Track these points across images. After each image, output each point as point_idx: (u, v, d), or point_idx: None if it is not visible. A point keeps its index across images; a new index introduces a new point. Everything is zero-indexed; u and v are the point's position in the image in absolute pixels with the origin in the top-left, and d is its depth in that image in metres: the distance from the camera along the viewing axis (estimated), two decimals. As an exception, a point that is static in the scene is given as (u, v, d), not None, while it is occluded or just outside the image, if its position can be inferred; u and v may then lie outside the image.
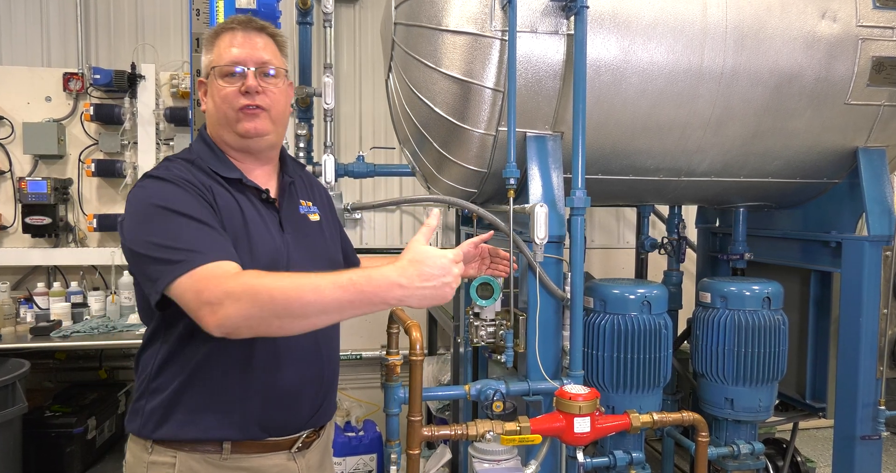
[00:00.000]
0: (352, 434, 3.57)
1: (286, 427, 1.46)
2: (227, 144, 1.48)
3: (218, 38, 1.46)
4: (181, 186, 1.33)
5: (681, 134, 2.30)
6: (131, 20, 4.07)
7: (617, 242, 4.69)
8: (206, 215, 1.30)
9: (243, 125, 1.43)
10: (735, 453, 2.47)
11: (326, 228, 1.63)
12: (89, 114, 3.85)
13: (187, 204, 1.30)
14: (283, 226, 1.48)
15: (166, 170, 1.38)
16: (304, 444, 1.50)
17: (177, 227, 1.26)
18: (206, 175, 1.42)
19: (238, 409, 1.39)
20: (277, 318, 1.17)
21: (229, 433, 1.38)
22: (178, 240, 1.24)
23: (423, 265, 1.17)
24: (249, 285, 1.17)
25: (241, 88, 1.41)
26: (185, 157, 1.47)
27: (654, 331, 2.30)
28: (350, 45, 4.32)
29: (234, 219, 1.38)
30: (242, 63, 1.42)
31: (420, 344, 1.85)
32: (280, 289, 1.16)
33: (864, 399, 2.40)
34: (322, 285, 1.16)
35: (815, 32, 2.28)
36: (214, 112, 1.46)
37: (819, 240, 2.61)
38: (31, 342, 3.28)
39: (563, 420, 1.85)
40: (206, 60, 1.48)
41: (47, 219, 3.81)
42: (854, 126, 2.43)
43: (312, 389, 1.49)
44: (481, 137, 2.14)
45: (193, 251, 1.22)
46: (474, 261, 1.94)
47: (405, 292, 1.17)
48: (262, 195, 1.47)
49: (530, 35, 2.07)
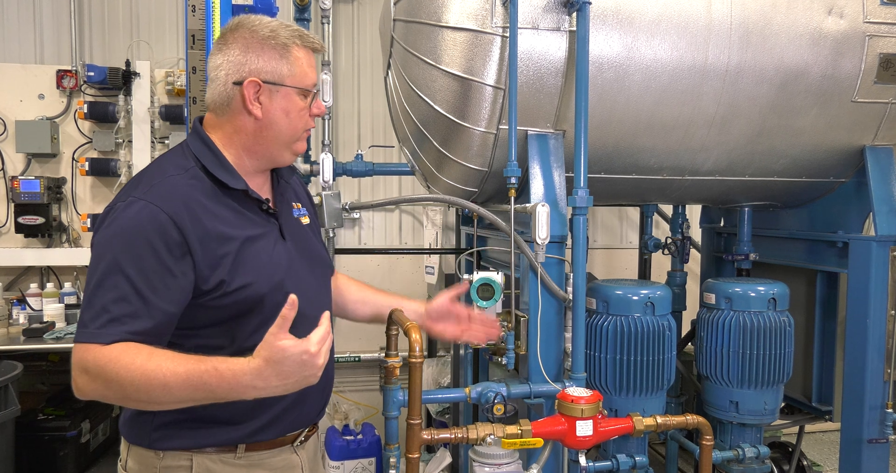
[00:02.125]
0: (350, 437, 3.57)
1: (295, 427, 1.51)
2: (271, 159, 1.47)
3: (293, 48, 1.42)
4: (150, 239, 1.28)
5: (685, 132, 2.30)
6: (126, 16, 4.06)
7: (620, 242, 4.69)
8: (153, 282, 1.27)
9: (301, 145, 1.47)
10: (740, 457, 2.47)
11: (314, 229, 1.65)
12: (83, 112, 3.84)
13: (141, 266, 1.27)
14: (283, 235, 1.50)
15: (159, 192, 1.32)
16: (305, 438, 1.55)
17: (113, 287, 1.26)
18: (203, 187, 1.37)
19: (252, 418, 1.42)
20: (132, 401, 1.26)
21: (243, 439, 1.42)
22: (107, 303, 1.26)
23: (281, 365, 1.17)
24: (107, 372, 1.21)
25: (314, 111, 1.46)
26: (182, 164, 1.40)
27: (657, 333, 2.30)
28: (348, 41, 4.32)
29: (231, 242, 1.36)
30: (315, 86, 1.46)
31: (420, 346, 1.84)
32: (131, 383, 1.20)
33: (871, 402, 2.40)
34: (171, 384, 1.18)
35: (821, 29, 2.28)
36: (286, 128, 1.43)
37: (825, 240, 2.61)
38: (23, 343, 3.27)
39: (565, 424, 1.85)
40: (279, 67, 1.40)
41: (40, 219, 3.80)
42: (861, 124, 2.43)
43: (320, 389, 1.51)
44: (482, 135, 2.14)
45: (111, 320, 1.25)
46: (448, 320, 1.83)
47: (262, 392, 1.20)
48: (262, 206, 1.47)
49: (532, 31, 2.07)
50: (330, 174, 2.87)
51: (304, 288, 1.46)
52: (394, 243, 4.43)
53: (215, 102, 1.43)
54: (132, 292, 1.26)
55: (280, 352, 1.16)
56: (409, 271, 4.44)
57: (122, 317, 1.25)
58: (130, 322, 1.25)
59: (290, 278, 1.44)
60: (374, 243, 4.40)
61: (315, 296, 1.53)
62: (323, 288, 1.60)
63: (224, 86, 1.40)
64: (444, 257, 3.93)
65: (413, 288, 4.42)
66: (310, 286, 1.51)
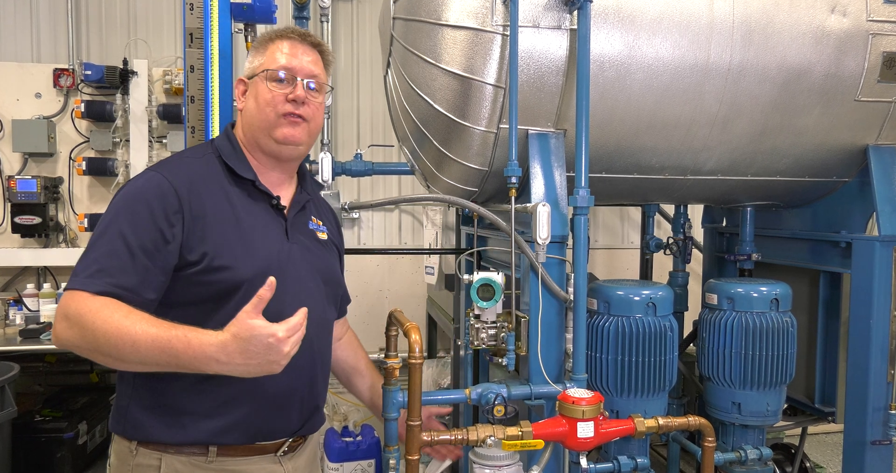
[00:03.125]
0: (349, 439, 3.57)
1: (274, 433, 1.48)
2: (260, 148, 1.53)
3: (272, 42, 1.53)
4: (150, 203, 1.37)
5: (687, 131, 2.30)
6: (123, 15, 4.07)
7: (621, 242, 4.69)
8: (144, 242, 1.34)
9: (282, 131, 1.49)
10: (742, 458, 2.47)
11: (331, 249, 1.67)
12: (80, 111, 3.85)
13: (136, 226, 1.35)
14: (288, 235, 1.51)
15: (170, 166, 1.45)
16: (289, 448, 1.52)
17: (108, 243, 1.34)
18: (213, 172, 1.47)
19: (225, 413, 1.40)
20: (101, 355, 1.27)
21: (215, 437, 1.40)
22: (99, 256, 1.34)
23: (247, 343, 1.19)
24: (85, 321, 1.26)
25: (288, 95, 1.48)
26: (200, 150, 1.54)
27: (659, 333, 2.30)
28: (348, 40, 4.32)
29: (225, 223, 1.42)
30: (294, 72, 1.49)
31: (419, 347, 1.85)
32: (104, 335, 1.24)
33: (874, 403, 2.40)
34: (140, 342, 1.22)
35: (824, 27, 2.28)
36: (256, 113, 1.50)
37: (828, 240, 2.61)
38: (20, 344, 3.28)
39: (566, 425, 1.85)
40: (254, 61, 1.54)
41: (37, 218, 3.81)
42: (864, 123, 2.43)
43: (303, 396, 1.51)
44: (482, 134, 2.14)
45: (100, 271, 1.32)
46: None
47: (223, 367, 1.21)
48: (272, 201, 1.51)
49: (532, 30, 2.07)
50: (329, 174, 2.87)
51: (297, 292, 1.48)
52: (393, 243, 4.43)
53: None
54: (124, 249, 1.33)
55: (248, 330, 1.18)
56: (409, 272, 4.45)
57: (110, 269, 1.31)
58: (118, 276, 1.31)
59: (280, 275, 1.41)
60: (373, 244, 4.41)
61: (307, 301, 1.48)
62: (321, 300, 1.58)
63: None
64: (444, 258, 3.93)
65: (413, 289, 4.43)
66: (304, 291, 1.50)
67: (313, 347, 1.51)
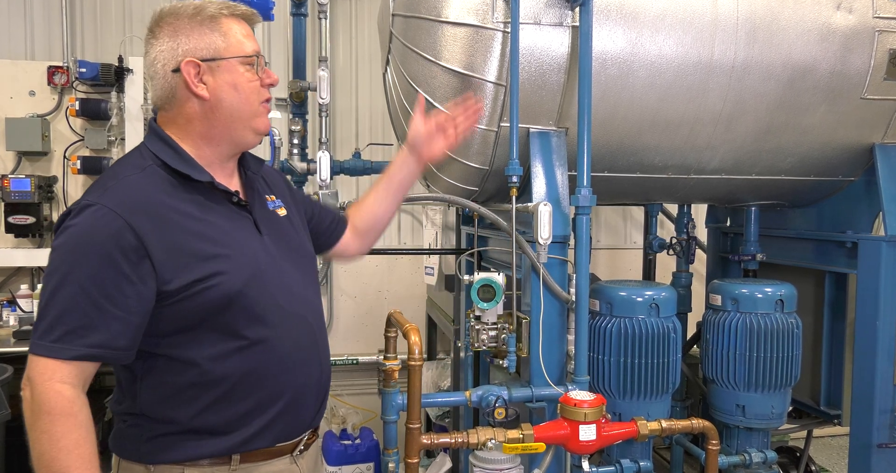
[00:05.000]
0: (348, 442, 3.57)
1: (293, 432, 1.48)
2: (232, 140, 1.43)
3: (221, 21, 1.39)
4: (104, 245, 1.25)
5: (690, 130, 2.30)
6: (118, 11, 4.07)
7: (624, 242, 4.69)
8: (108, 290, 1.25)
9: (263, 121, 1.44)
10: (747, 462, 2.47)
11: (294, 219, 1.61)
12: (75, 109, 3.84)
13: (94, 275, 1.25)
14: (259, 228, 1.46)
15: (113, 194, 1.29)
16: (305, 446, 1.53)
17: (69, 298, 1.24)
18: (161, 185, 1.34)
19: (246, 424, 1.39)
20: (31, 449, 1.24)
21: (238, 447, 1.39)
22: (62, 314, 1.24)
23: None
24: (41, 413, 1.22)
25: (265, 80, 1.42)
26: (138, 164, 1.37)
27: (662, 335, 2.30)
28: (346, 37, 4.32)
29: (196, 238, 1.33)
30: (259, 55, 1.43)
31: (419, 349, 1.85)
32: (42, 449, 1.22)
33: (881, 406, 2.40)
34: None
35: (829, 24, 2.28)
36: (241, 104, 1.39)
37: (834, 240, 2.62)
38: (14, 345, 3.28)
39: (568, 428, 1.85)
40: (213, 42, 1.37)
41: (31, 218, 3.80)
42: (870, 122, 2.43)
43: (316, 389, 1.51)
44: (483, 133, 2.14)
45: (68, 333, 1.23)
46: (433, 138, 1.78)
47: None
48: (232, 199, 1.43)
49: (534, 27, 2.07)
50: (327, 173, 2.87)
51: (287, 283, 1.45)
52: (393, 243, 4.43)
53: (161, 98, 1.39)
54: (88, 304, 1.24)
55: None
56: (409, 272, 4.45)
57: (77, 328, 1.23)
58: (87, 334, 1.24)
59: (269, 274, 1.41)
60: (372, 244, 4.40)
61: (301, 291, 1.49)
62: (309, 282, 1.55)
63: (164, 78, 1.37)
64: (444, 258, 3.93)
65: (412, 289, 4.43)
66: (294, 281, 1.48)
67: (315, 336, 1.50)
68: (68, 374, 1.24)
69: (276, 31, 4.15)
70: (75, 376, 1.25)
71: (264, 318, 1.39)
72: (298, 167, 3.26)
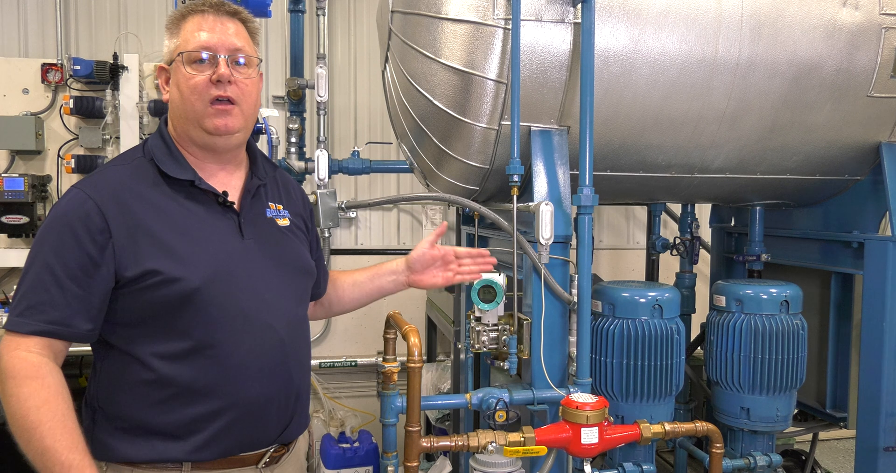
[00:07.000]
0: (346, 445, 3.57)
1: (251, 444, 1.45)
2: (192, 140, 1.44)
3: (185, 20, 1.42)
4: (73, 226, 1.33)
5: (694, 128, 2.30)
6: (113, 8, 4.06)
7: (626, 242, 4.69)
8: (72, 269, 1.32)
9: (213, 122, 1.40)
10: (751, 465, 2.47)
11: (296, 234, 1.59)
12: (69, 107, 3.84)
13: (61, 254, 1.32)
14: (242, 231, 1.45)
15: (93, 180, 1.40)
16: (271, 459, 1.49)
17: (35, 276, 1.33)
18: (143, 177, 1.41)
19: (196, 431, 1.37)
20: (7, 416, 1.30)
21: (188, 455, 1.37)
22: (28, 291, 1.33)
23: None
24: (7, 381, 1.28)
25: (212, 76, 1.38)
26: (130, 155, 1.48)
27: (665, 337, 2.30)
28: (344, 34, 4.32)
29: (162, 232, 1.37)
30: (213, 49, 1.39)
31: (418, 350, 1.85)
32: (12, 411, 1.28)
33: (887, 409, 2.40)
34: (33, 444, 1.26)
35: (835, 21, 2.28)
36: (180, 104, 1.42)
37: (840, 240, 2.62)
38: (7, 347, 3.27)
39: (570, 431, 1.85)
40: (170, 44, 1.43)
41: (24, 218, 3.80)
42: (877, 120, 2.43)
43: (279, 403, 1.47)
44: (483, 131, 2.14)
45: (29, 308, 1.31)
46: (434, 266, 1.80)
47: None
48: (218, 199, 1.44)
49: (535, 23, 2.07)
50: (325, 172, 2.88)
51: (258, 290, 1.43)
52: (392, 243, 4.43)
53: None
54: (51, 280, 1.31)
55: None
56: (408, 273, 4.44)
57: (38, 305, 1.30)
58: (48, 310, 1.30)
59: (237, 277, 1.40)
60: (371, 244, 4.40)
61: (276, 300, 1.47)
62: (293, 294, 1.53)
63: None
64: (444, 258, 3.93)
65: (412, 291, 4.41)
66: (270, 290, 1.46)
67: (285, 349, 1.46)
68: (33, 345, 1.30)
69: (273, 28, 4.15)
70: (41, 347, 1.31)
71: (220, 322, 1.37)
72: (296, 166, 3.27)
